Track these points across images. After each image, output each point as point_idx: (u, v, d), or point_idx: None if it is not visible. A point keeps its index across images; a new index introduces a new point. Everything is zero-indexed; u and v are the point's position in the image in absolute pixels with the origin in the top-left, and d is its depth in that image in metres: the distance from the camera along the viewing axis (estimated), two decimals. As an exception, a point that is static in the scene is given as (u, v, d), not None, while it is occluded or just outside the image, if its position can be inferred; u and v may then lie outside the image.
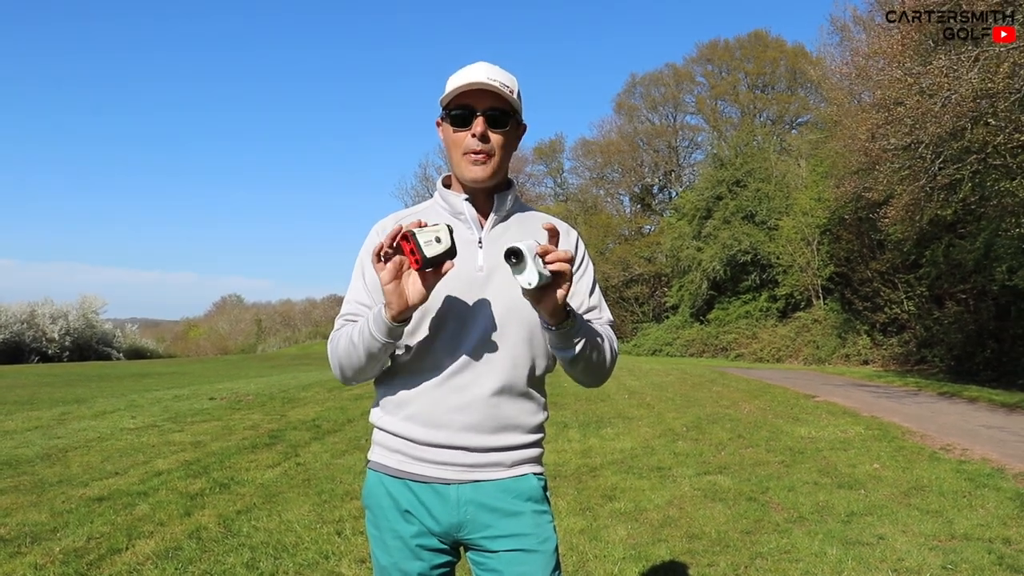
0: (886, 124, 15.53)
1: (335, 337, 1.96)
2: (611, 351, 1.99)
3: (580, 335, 1.84)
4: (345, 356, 1.91)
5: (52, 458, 7.75)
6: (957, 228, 20.97)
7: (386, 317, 1.77)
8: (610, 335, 2.01)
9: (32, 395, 15.15)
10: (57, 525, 5.32)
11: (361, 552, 4.77)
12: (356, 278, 2.03)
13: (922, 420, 10.92)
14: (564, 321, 1.79)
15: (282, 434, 9.39)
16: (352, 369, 1.92)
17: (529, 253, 1.65)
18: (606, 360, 1.97)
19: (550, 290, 1.71)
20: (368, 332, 1.82)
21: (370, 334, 1.82)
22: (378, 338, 1.81)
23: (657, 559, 4.73)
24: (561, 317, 1.78)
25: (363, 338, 1.84)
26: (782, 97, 46.05)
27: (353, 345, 1.88)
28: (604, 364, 1.97)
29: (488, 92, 1.90)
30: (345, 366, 1.93)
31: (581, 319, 1.87)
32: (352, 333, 1.89)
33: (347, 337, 1.91)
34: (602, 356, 1.95)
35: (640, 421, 10.76)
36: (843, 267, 29.22)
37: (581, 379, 2.01)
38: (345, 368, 1.94)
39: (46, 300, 45.47)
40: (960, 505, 6.02)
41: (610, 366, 2.01)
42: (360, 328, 1.86)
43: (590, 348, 1.88)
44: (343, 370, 1.95)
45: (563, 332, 1.81)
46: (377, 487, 2.01)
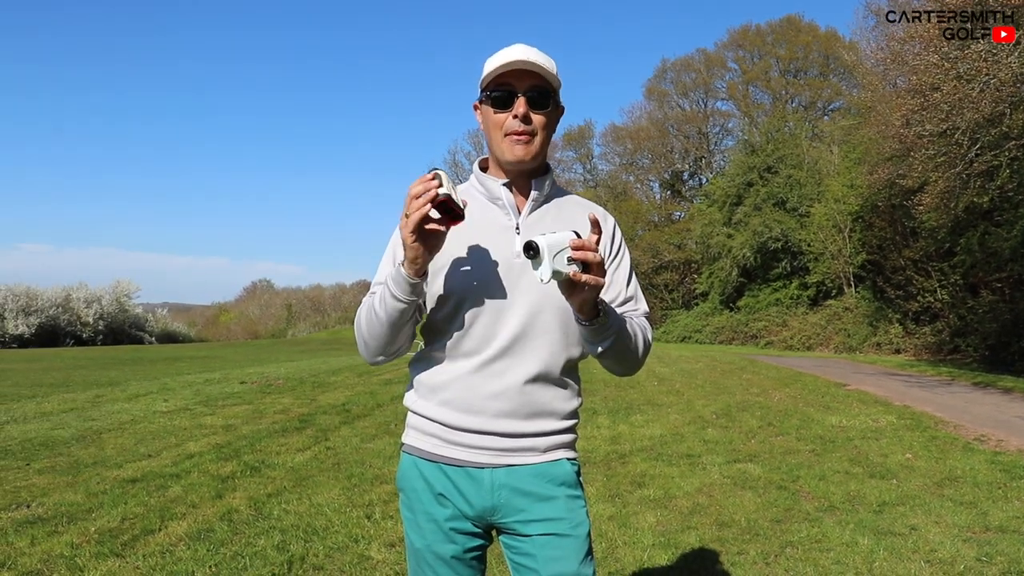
0: (921, 110, 15.29)
1: (359, 312, 1.95)
2: (644, 343, 1.98)
3: (611, 332, 1.83)
4: (367, 326, 1.90)
5: (87, 440, 7.86)
6: (993, 216, 20.63)
7: (405, 271, 1.76)
8: (644, 326, 2.00)
9: (67, 378, 15.38)
10: (92, 505, 5.40)
11: (391, 536, 4.80)
12: (386, 258, 2.02)
13: (955, 410, 10.78)
14: (595, 319, 1.78)
15: (312, 418, 9.46)
16: (374, 339, 1.90)
17: (548, 249, 1.63)
18: (637, 353, 1.96)
19: (578, 287, 1.69)
20: (389, 294, 1.81)
21: (391, 295, 1.80)
22: (399, 296, 1.79)
23: (686, 546, 4.71)
24: (591, 315, 1.77)
25: (384, 303, 1.83)
26: (815, 83, 45.51)
27: (375, 313, 1.87)
28: (635, 357, 1.97)
29: (529, 72, 1.88)
30: (367, 337, 1.92)
31: (613, 315, 1.85)
32: (374, 302, 1.88)
33: (369, 307, 1.90)
34: (633, 350, 1.94)
35: (669, 408, 10.72)
36: (875, 255, 28.90)
37: (610, 368, 2.00)
38: (368, 339, 1.92)
39: (80, 284, 46.16)
40: (995, 497, 5.94)
41: (641, 358, 2.00)
42: (381, 294, 1.85)
43: (620, 344, 1.87)
44: (366, 342, 1.93)
45: (593, 329, 1.80)
46: (411, 470, 2.01)
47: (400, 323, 1.85)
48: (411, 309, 1.84)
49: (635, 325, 1.96)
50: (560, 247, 1.64)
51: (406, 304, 1.81)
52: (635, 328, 1.95)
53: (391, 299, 1.81)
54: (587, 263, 1.65)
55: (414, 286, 1.78)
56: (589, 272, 1.66)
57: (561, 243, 1.65)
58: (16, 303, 40.87)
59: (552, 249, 1.63)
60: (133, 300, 50.18)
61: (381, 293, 1.85)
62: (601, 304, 1.78)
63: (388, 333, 1.88)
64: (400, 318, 1.84)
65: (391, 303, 1.82)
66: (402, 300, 1.80)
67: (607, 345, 1.84)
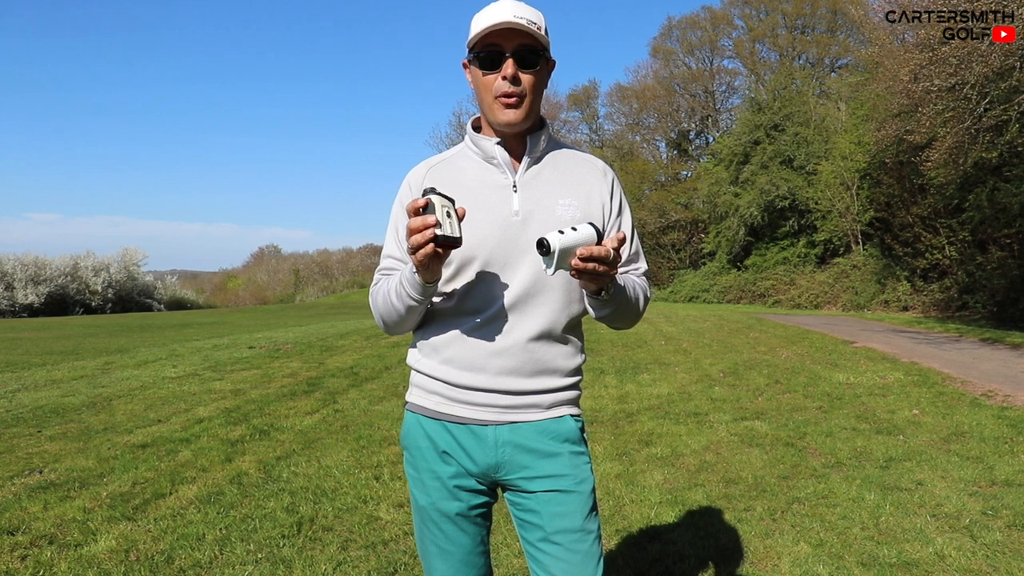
0: (930, 64, 15.08)
1: (374, 292, 1.97)
2: (644, 302, 2.00)
3: (613, 303, 1.86)
4: (385, 311, 1.93)
5: (97, 406, 7.92)
6: (1003, 171, 20.41)
7: (419, 279, 1.77)
8: (644, 287, 2.02)
9: (77, 346, 15.47)
10: (104, 471, 5.45)
11: (399, 496, 4.83)
12: (390, 233, 2.02)
13: (963, 366, 10.77)
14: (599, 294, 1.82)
15: (320, 381, 9.50)
16: (393, 322, 1.94)
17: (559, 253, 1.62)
18: (636, 314, 1.99)
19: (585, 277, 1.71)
20: (404, 291, 1.82)
21: (406, 293, 1.82)
22: (414, 297, 1.82)
23: (694, 504, 4.74)
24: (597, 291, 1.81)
25: (400, 296, 1.85)
26: (822, 39, 44.92)
27: (390, 302, 1.89)
28: (634, 317, 2.00)
29: (516, 31, 1.83)
30: (387, 320, 1.95)
31: (617, 286, 1.85)
32: (389, 290, 1.89)
33: (384, 293, 1.91)
34: (631, 311, 1.96)
35: (677, 367, 10.74)
36: (883, 212, 28.70)
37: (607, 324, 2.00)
38: (387, 321, 1.95)
39: (89, 253, 46.32)
40: (1001, 451, 5.95)
41: (638, 316, 2.03)
42: (396, 287, 1.86)
43: (620, 310, 1.90)
44: (385, 323, 1.97)
45: (597, 301, 1.85)
46: (415, 428, 2.01)
47: (418, 308, 1.88)
48: (428, 300, 1.86)
49: (636, 287, 1.95)
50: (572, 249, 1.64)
51: (420, 302, 1.84)
52: (636, 291, 1.95)
53: (407, 297, 1.83)
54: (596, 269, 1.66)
55: (427, 288, 1.80)
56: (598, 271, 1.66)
57: (574, 246, 1.64)
58: (25, 272, 41.08)
59: (564, 253, 1.64)
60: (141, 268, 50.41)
61: (397, 289, 1.85)
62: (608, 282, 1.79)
63: (407, 318, 1.91)
64: (418, 307, 1.87)
65: (407, 301, 1.84)
66: (416, 300, 1.83)
67: (608, 312, 1.88)
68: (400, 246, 1.96)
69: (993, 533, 4.19)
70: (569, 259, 1.64)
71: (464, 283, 1.90)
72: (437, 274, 1.76)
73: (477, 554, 2.02)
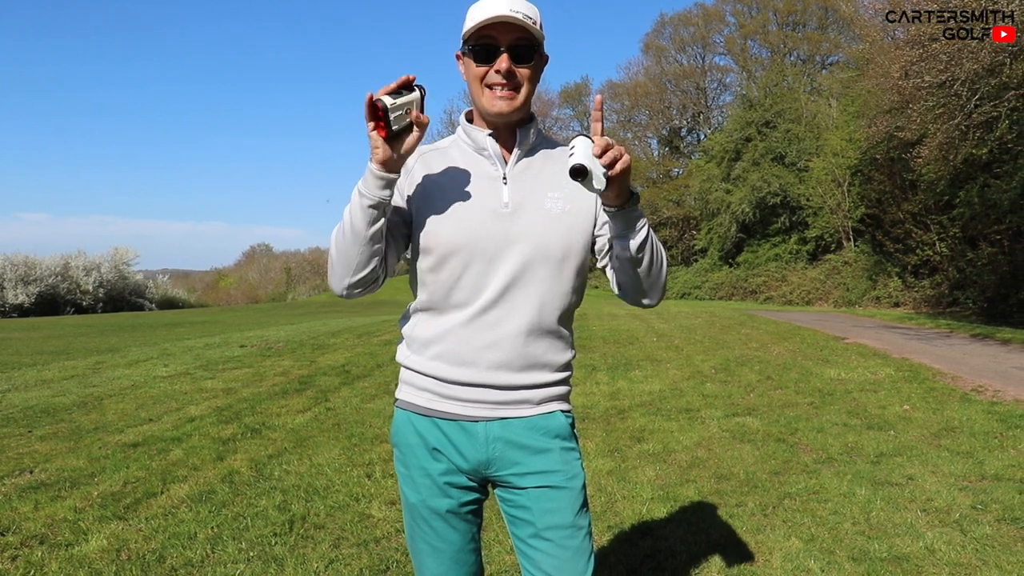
0: (920, 61, 15.14)
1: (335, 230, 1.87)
2: (665, 258, 1.93)
3: (643, 221, 1.80)
4: (335, 242, 1.84)
5: (88, 406, 7.89)
6: (993, 167, 20.50)
7: (373, 165, 1.72)
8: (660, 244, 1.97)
9: (67, 345, 15.40)
10: (95, 470, 5.43)
11: (391, 494, 4.83)
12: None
13: (953, 362, 10.81)
14: (629, 199, 1.75)
15: (312, 380, 9.49)
16: (341, 255, 1.83)
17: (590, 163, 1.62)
18: (664, 264, 1.91)
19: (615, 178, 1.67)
20: (357, 194, 1.77)
21: (359, 194, 1.76)
22: (367, 194, 1.75)
23: (685, 500, 4.75)
24: (626, 196, 1.73)
25: (351, 209, 1.78)
26: (813, 36, 45.09)
27: (343, 224, 1.81)
28: (663, 267, 1.91)
29: (511, 24, 1.83)
30: (335, 254, 1.84)
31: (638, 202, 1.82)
32: (344, 211, 1.82)
33: (342, 220, 1.83)
34: (660, 257, 1.89)
35: (668, 363, 10.76)
36: (874, 208, 28.80)
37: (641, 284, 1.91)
38: (335, 258, 1.85)
39: (79, 253, 46.07)
40: (991, 446, 5.97)
41: (666, 275, 1.95)
42: (352, 197, 1.80)
43: (652, 241, 1.83)
44: (334, 263, 1.86)
45: (628, 212, 1.76)
46: (405, 425, 2.00)
47: (369, 232, 1.78)
48: (380, 213, 1.77)
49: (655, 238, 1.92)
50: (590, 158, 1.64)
51: (374, 202, 1.75)
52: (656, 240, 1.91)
53: (358, 199, 1.76)
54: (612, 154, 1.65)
55: (382, 180, 1.74)
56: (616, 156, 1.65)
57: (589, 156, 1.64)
58: (15, 272, 40.84)
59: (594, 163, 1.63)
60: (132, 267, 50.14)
61: (351, 197, 1.79)
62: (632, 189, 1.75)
63: (355, 246, 1.80)
64: (369, 223, 1.77)
65: (358, 203, 1.76)
66: (369, 197, 1.75)
67: (643, 233, 1.80)
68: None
69: (983, 527, 4.21)
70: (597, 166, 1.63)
71: (452, 275, 1.89)
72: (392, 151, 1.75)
73: (468, 551, 2.02)
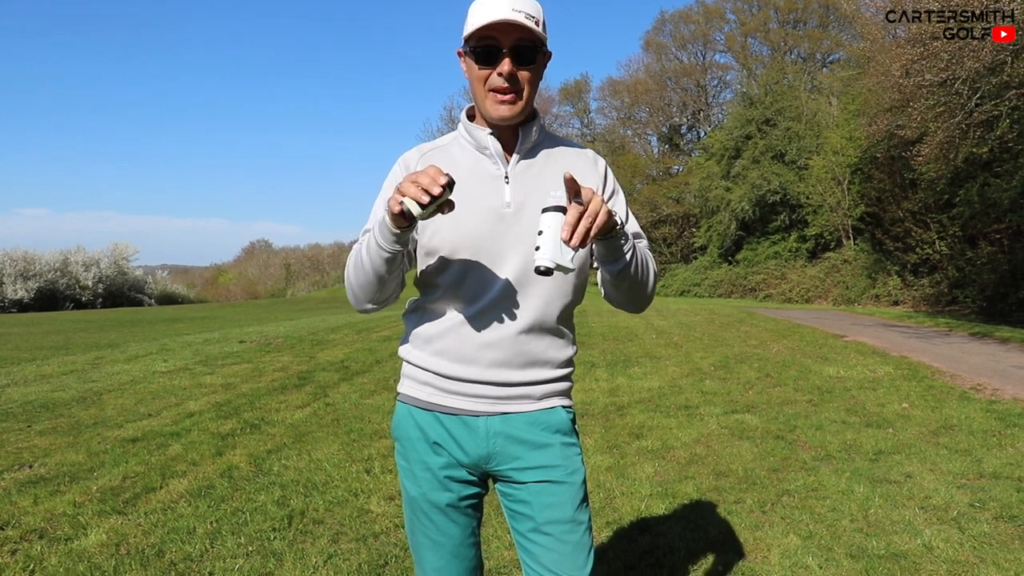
0: (921, 59, 15.12)
1: (348, 259, 1.92)
2: (653, 271, 1.96)
3: (628, 244, 1.80)
4: (355, 273, 1.88)
5: (87, 401, 7.90)
6: (993, 166, 20.47)
7: (389, 222, 1.70)
8: (650, 258, 1.97)
9: (67, 340, 15.40)
10: (94, 465, 5.43)
11: (389, 490, 4.83)
12: (378, 203, 1.97)
13: (952, 360, 10.82)
14: (612, 229, 1.73)
15: (311, 375, 9.50)
16: (361, 287, 1.88)
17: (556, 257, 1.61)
18: (650, 278, 1.93)
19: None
20: (375, 243, 1.77)
21: (376, 244, 1.77)
22: (384, 246, 1.76)
23: (684, 496, 4.75)
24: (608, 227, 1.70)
25: (370, 252, 1.80)
26: (814, 34, 45.03)
27: (361, 261, 1.84)
28: (648, 282, 1.93)
29: (514, 25, 1.81)
30: (355, 284, 1.89)
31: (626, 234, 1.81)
32: (361, 249, 1.85)
33: (356, 254, 1.87)
34: (647, 273, 1.91)
35: (668, 360, 10.76)
36: (874, 207, 28.78)
37: (624, 298, 1.96)
38: (355, 287, 1.90)
39: (79, 248, 46.09)
40: (989, 444, 5.98)
41: (653, 286, 1.97)
42: (367, 242, 1.81)
43: (637, 261, 1.84)
44: (354, 290, 1.91)
45: (611, 241, 1.76)
46: (406, 419, 2.01)
47: (387, 272, 1.82)
48: (397, 258, 1.80)
49: (644, 252, 1.93)
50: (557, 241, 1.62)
51: (391, 254, 1.78)
52: (645, 253, 1.93)
53: (376, 248, 1.78)
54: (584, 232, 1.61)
55: (398, 236, 1.74)
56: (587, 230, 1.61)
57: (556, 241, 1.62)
58: (14, 268, 40.84)
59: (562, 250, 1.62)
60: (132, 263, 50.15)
61: (367, 241, 1.81)
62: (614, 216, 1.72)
63: (375, 282, 1.85)
64: (386, 267, 1.81)
65: (376, 252, 1.78)
66: (387, 250, 1.77)
67: (627, 259, 1.80)
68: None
69: (981, 525, 4.21)
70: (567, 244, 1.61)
71: (455, 274, 1.89)
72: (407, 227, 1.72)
73: (468, 545, 2.02)
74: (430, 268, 1.92)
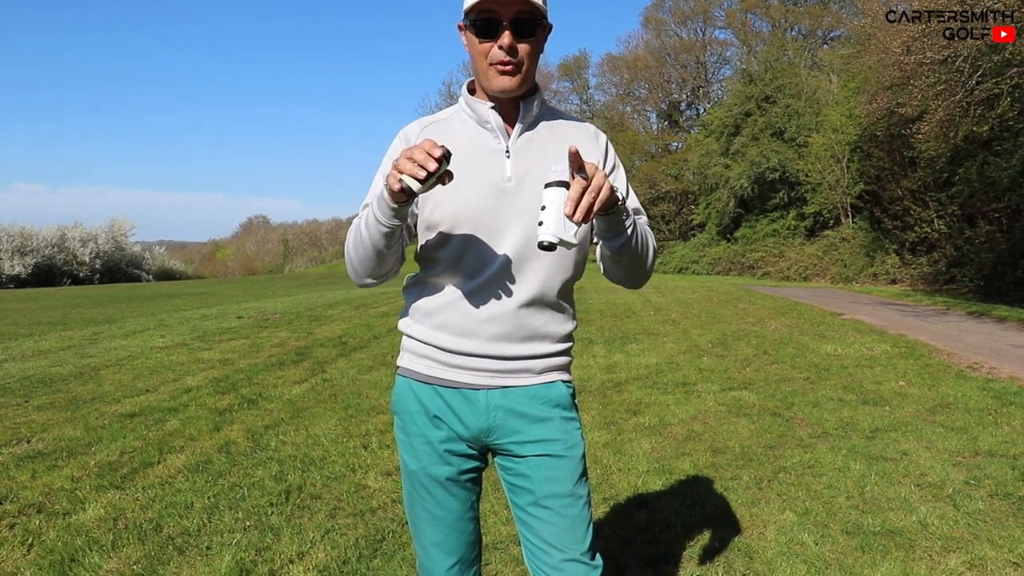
0: (922, 36, 15.05)
1: (348, 233, 1.92)
2: (652, 247, 1.95)
3: (629, 220, 1.80)
4: (354, 247, 1.87)
5: (85, 376, 7.90)
6: (993, 145, 20.40)
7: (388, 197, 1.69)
8: (650, 234, 1.96)
9: (64, 316, 15.40)
10: (91, 440, 5.44)
11: (387, 465, 4.84)
12: (378, 177, 1.96)
13: (950, 339, 10.84)
14: (614, 204, 1.72)
15: (309, 351, 9.50)
16: (360, 261, 1.88)
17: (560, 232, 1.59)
18: (649, 254, 1.93)
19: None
20: (374, 218, 1.77)
21: (375, 219, 1.76)
22: (383, 221, 1.75)
23: (681, 472, 4.76)
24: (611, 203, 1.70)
25: (368, 227, 1.79)
26: (814, 10, 44.74)
27: (360, 236, 1.83)
28: (647, 258, 1.93)
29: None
30: (354, 258, 1.89)
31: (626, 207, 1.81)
32: (360, 224, 1.84)
33: (356, 228, 1.87)
34: (646, 249, 1.91)
35: (665, 337, 10.77)
36: (873, 185, 28.74)
37: (619, 275, 1.96)
38: (355, 261, 1.89)
39: (76, 224, 46.07)
40: (985, 422, 5.99)
41: (652, 262, 1.97)
42: (367, 217, 1.80)
43: (637, 237, 1.84)
44: (353, 264, 1.91)
45: (613, 216, 1.75)
46: (406, 392, 2.00)
47: (386, 246, 1.81)
48: (396, 233, 1.79)
49: (644, 228, 1.92)
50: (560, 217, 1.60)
51: (389, 229, 1.77)
52: (645, 229, 1.92)
53: (375, 223, 1.77)
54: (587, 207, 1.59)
55: (396, 211, 1.73)
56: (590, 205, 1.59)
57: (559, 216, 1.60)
58: (11, 243, 40.82)
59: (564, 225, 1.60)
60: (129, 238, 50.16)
61: (367, 216, 1.80)
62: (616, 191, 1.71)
63: (374, 256, 1.84)
64: (385, 241, 1.80)
65: (375, 227, 1.77)
66: (386, 225, 1.75)
67: (628, 233, 1.80)
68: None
69: (975, 502, 4.23)
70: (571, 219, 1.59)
71: (456, 248, 1.88)
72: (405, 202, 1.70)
73: (467, 519, 2.02)
74: (430, 242, 1.91)
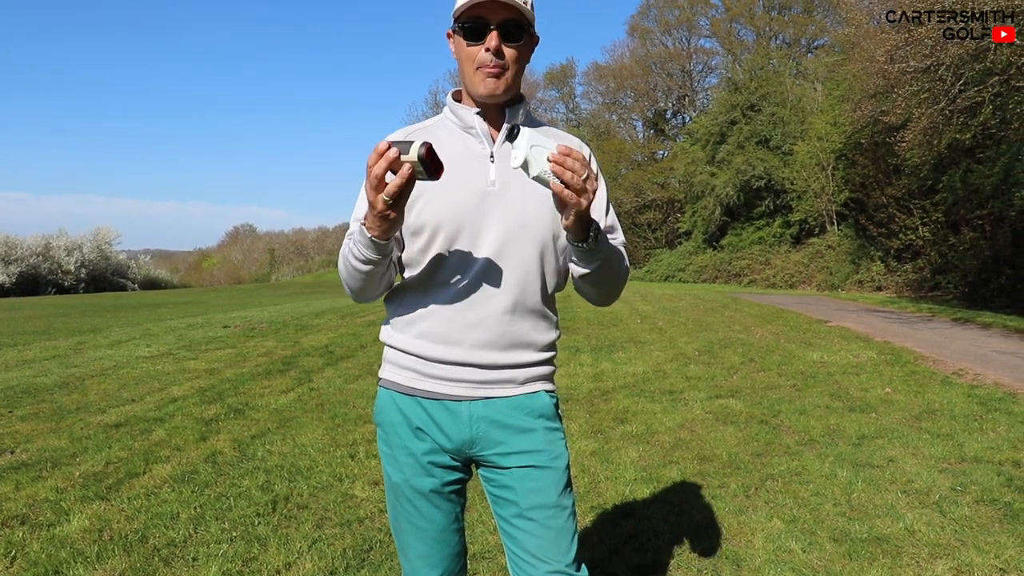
0: (906, 45, 15.18)
1: (341, 254, 1.92)
2: (624, 273, 1.97)
3: (600, 256, 1.80)
4: (346, 274, 1.88)
5: (70, 386, 7.84)
6: (976, 152, 20.58)
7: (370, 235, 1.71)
8: (624, 256, 1.98)
9: (49, 325, 15.29)
10: (76, 450, 5.40)
11: (374, 474, 4.83)
12: (362, 195, 1.95)
13: (935, 345, 10.89)
14: (584, 241, 1.74)
15: (295, 360, 9.47)
16: (355, 284, 1.89)
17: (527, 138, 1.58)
18: (619, 282, 1.95)
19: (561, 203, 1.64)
20: (360, 251, 1.77)
21: (362, 254, 1.77)
22: (369, 258, 1.76)
23: (668, 481, 4.77)
24: (581, 236, 1.72)
25: (356, 259, 1.80)
26: (799, 19, 45.00)
27: (351, 264, 1.83)
28: (617, 286, 1.96)
29: (502, 4, 1.81)
30: (349, 282, 1.90)
31: (604, 241, 1.82)
32: (347, 252, 1.84)
33: (345, 255, 1.86)
34: (617, 278, 1.93)
35: (652, 345, 10.78)
36: (858, 192, 28.91)
37: (589, 294, 1.99)
38: (350, 284, 1.90)
39: (61, 232, 45.76)
40: (971, 429, 6.03)
41: (620, 287, 2.00)
42: (352, 246, 1.81)
43: (607, 269, 1.85)
44: (350, 288, 1.92)
45: (582, 251, 1.76)
46: (388, 404, 2.00)
47: (376, 273, 1.83)
48: (385, 262, 1.80)
49: (617, 250, 1.93)
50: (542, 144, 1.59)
51: (376, 263, 1.78)
52: (619, 252, 1.93)
53: (362, 256, 1.78)
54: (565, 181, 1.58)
55: (381, 247, 1.74)
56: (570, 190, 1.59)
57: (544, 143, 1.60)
58: (-5, 252, 40.49)
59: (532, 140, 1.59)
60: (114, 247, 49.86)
61: (353, 248, 1.80)
62: (594, 228, 1.73)
63: (366, 280, 1.85)
64: (375, 269, 1.81)
65: (362, 260, 1.79)
66: (371, 261, 1.77)
67: (596, 266, 1.81)
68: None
69: (962, 508, 4.25)
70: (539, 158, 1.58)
71: (438, 253, 1.88)
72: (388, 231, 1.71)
73: (451, 531, 2.02)
74: (413, 247, 1.91)
